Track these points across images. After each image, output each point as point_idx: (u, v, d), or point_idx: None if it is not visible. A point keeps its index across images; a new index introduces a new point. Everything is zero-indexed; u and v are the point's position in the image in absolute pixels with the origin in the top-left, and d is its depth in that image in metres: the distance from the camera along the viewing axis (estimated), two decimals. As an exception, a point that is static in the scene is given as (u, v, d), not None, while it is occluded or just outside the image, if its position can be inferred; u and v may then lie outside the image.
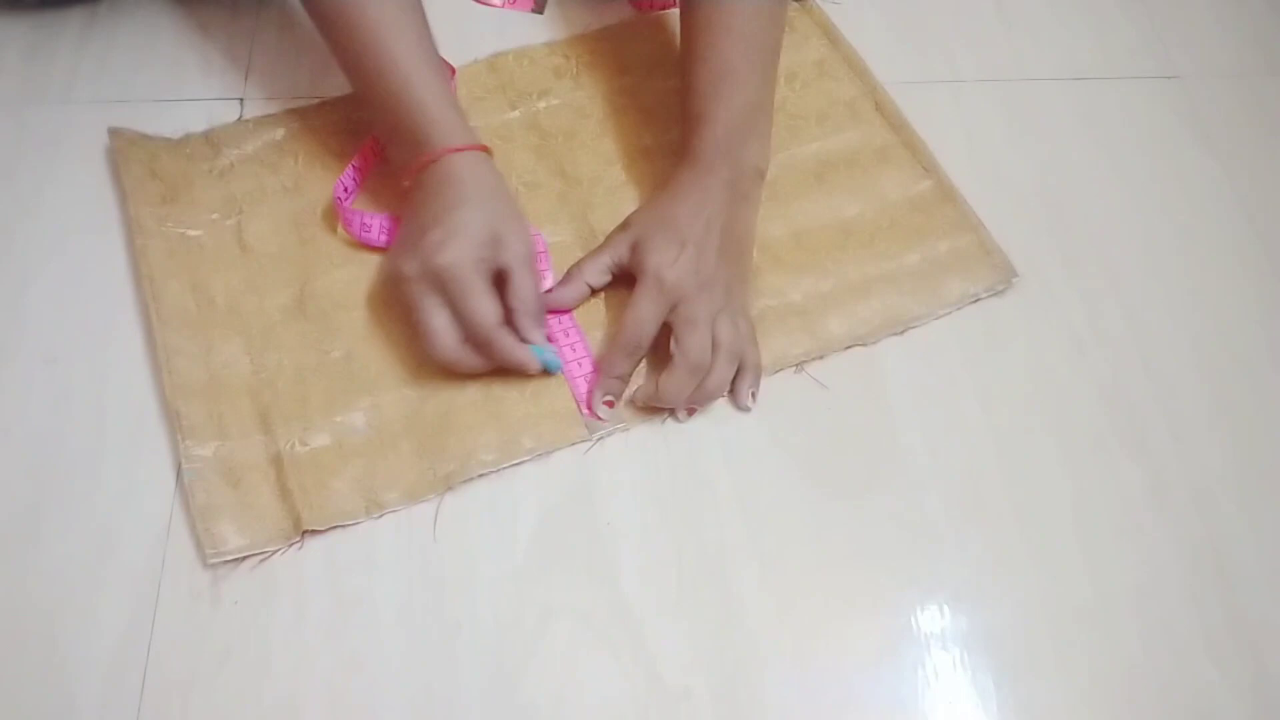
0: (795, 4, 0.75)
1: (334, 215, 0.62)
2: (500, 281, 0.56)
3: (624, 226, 0.60)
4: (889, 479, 0.57)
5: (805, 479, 0.56)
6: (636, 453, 0.56)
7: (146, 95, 0.69)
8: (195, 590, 0.51)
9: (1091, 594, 0.54)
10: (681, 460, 0.56)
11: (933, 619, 0.53)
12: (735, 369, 0.57)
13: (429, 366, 0.57)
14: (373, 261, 0.62)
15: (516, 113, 0.69)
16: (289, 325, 0.59)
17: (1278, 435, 0.59)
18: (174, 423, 0.55)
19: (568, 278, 0.60)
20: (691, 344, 0.55)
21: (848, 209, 0.65)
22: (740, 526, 0.54)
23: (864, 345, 0.60)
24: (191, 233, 0.62)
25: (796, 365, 0.59)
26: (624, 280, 0.59)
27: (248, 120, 0.67)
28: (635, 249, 0.58)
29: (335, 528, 0.53)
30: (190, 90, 0.69)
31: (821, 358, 0.60)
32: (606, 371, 0.57)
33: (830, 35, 0.74)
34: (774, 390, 0.59)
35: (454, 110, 0.59)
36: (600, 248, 0.60)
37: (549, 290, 0.60)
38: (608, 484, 0.55)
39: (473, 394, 0.57)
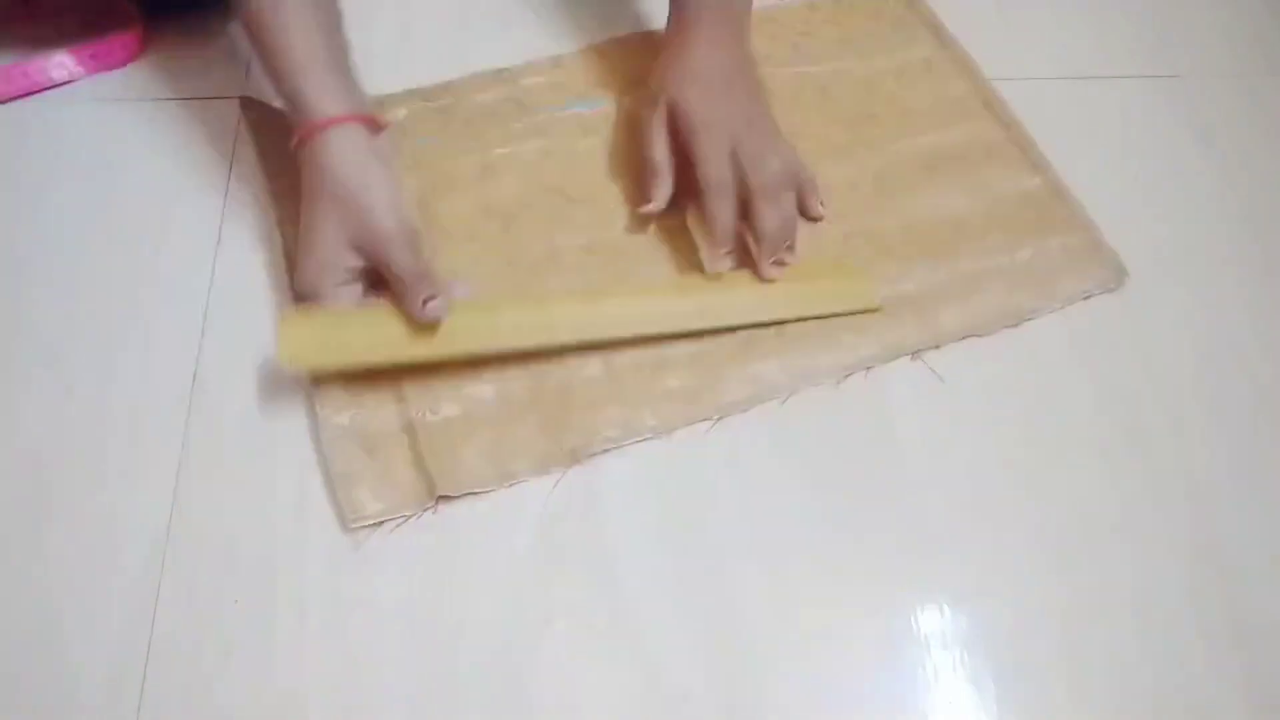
0: (903, 2, 0.77)
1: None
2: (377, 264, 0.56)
3: (649, 99, 0.62)
4: (889, 479, 0.56)
5: (806, 480, 0.56)
6: (638, 455, 0.56)
7: (145, 95, 0.69)
8: (195, 589, 0.51)
9: (1091, 593, 0.54)
10: (683, 461, 0.56)
11: (933, 619, 0.53)
12: (792, 201, 0.61)
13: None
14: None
15: (629, 99, 0.69)
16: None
17: (1276, 434, 0.60)
18: (310, 392, 0.56)
19: (654, 177, 0.61)
20: (758, 175, 0.58)
21: (958, 203, 0.66)
22: (741, 528, 0.54)
23: (979, 336, 0.61)
24: None
25: (913, 354, 0.60)
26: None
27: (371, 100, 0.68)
28: (675, 109, 0.60)
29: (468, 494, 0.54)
30: (189, 88, 0.69)
31: (937, 347, 0.61)
32: (715, 227, 0.59)
33: (938, 34, 0.75)
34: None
35: (334, 77, 0.57)
36: (646, 131, 0.62)
37: (649, 201, 0.61)
38: (610, 486, 0.55)
39: (594, 369, 0.58)
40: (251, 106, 0.67)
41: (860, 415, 0.58)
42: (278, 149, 0.61)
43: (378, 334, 0.55)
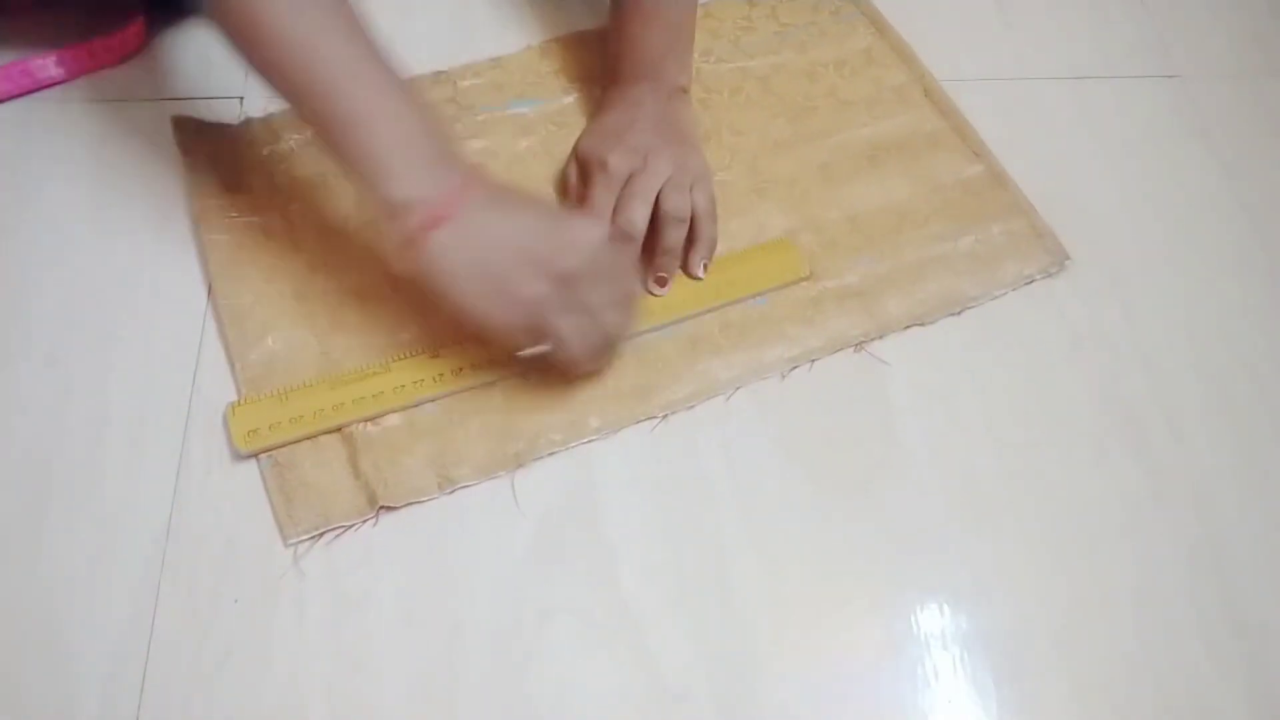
0: None
1: None
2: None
3: (568, 162, 0.63)
4: (889, 478, 0.56)
5: (805, 478, 0.56)
6: (636, 452, 0.56)
7: (145, 94, 0.69)
8: (195, 589, 0.51)
9: (1091, 593, 0.54)
10: (681, 459, 0.56)
11: (933, 619, 0.53)
12: (683, 233, 0.60)
13: (494, 347, 0.57)
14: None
15: (571, 98, 0.70)
16: (354, 308, 0.59)
17: (1276, 434, 0.60)
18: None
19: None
20: (626, 212, 0.58)
21: (900, 191, 0.67)
22: (740, 526, 0.54)
23: (922, 325, 0.61)
24: (253, 220, 0.62)
25: (856, 345, 0.60)
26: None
27: None
28: (578, 158, 0.62)
29: (411, 503, 0.54)
30: (189, 88, 0.69)
31: (881, 338, 0.61)
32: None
33: (877, 24, 0.75)
34: (773, 389, 0.59)
35: (431, 139, 0.51)
36: (562, 185, 0.64)
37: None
38: (608, 483, 0.55)
39: (537, 375, 0.57)
40: (184, 126, 0.66)
41: (861, 415, 0.58)
42: (214, 166, 0.63)
43: (323, 399, 0.55)
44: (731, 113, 0.69)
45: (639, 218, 0.58)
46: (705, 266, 0.61)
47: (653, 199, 0.59)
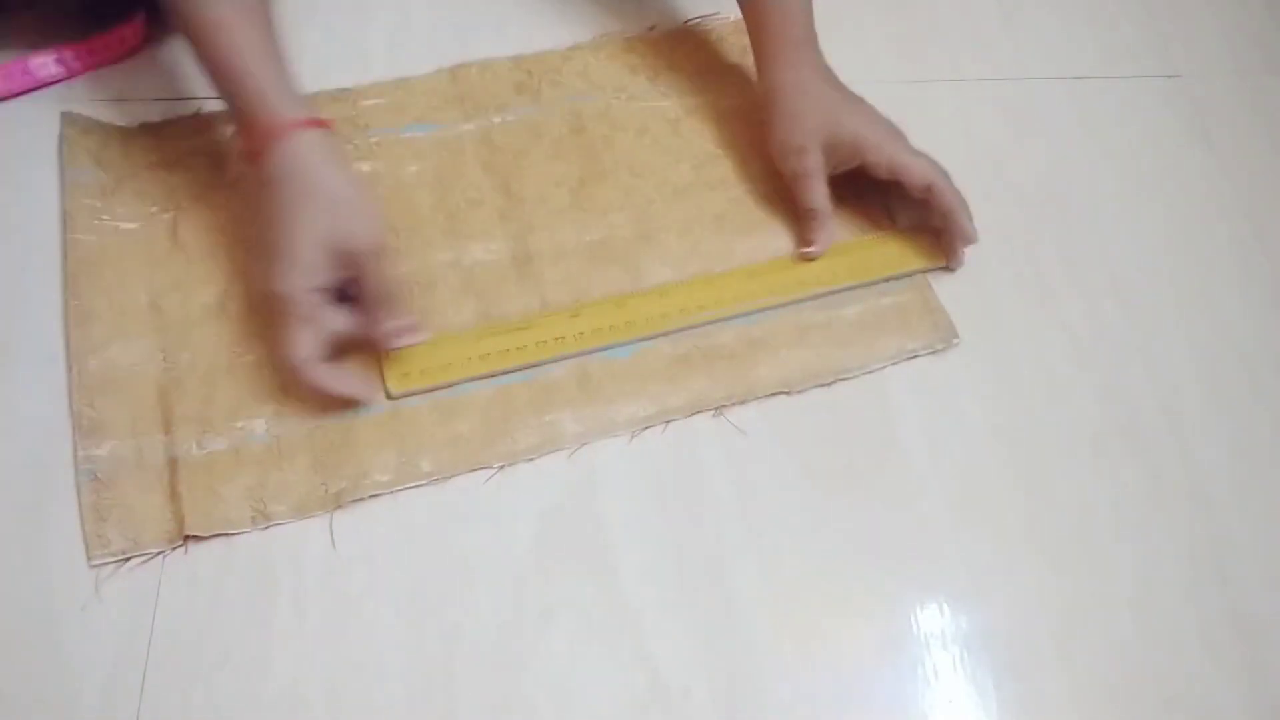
0: None
1: None
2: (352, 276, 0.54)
3: (799, 148, 0.61)
4: (888, 478, 0.56)
5: (804, 478, 0.56)
6: (636, 452, 0.56)
7: (145, 94, 0.69)
8: (195, 589, 0.51)
9: (1090, 591, 0.54)
10: (681, 459, 0.56)
11: (933, 618, 0.53)
12: None
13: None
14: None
15: (471, 125, 0.67)
16: (207, 325, 0.58)
17: (1275, 432, 0.60)
18: (76, 422, 0.54)
19: (817, 223, 0.62)
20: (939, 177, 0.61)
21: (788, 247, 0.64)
22: (740, 526, 0.54)
23: (789, 394, 0.58)
24: (126, 226, 0.61)
25: (715, 410, 0.58)
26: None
27: (204, 114, 0.66)
28: (852, 146, 0.60)
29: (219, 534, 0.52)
30: (189, 87, 0.69)
31: (743, 403, 0.58)
32: (954, 220, 0.61)
33: None
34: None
35: (289, 85, 0.56)
36: (803, 175, 0.62)
37: (811, 244, 0.62)
38: (607, 483, 0.55)
39: (380, 410, 0.56)
40: (74, 121, 0.64)
41: (861, 415, 0.58)
42: (97, 166, 0.62)
43: (471, 349, 0.57)
44: (635, 155, 0.66)
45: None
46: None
47: None
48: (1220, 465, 0.58)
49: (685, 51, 0.72)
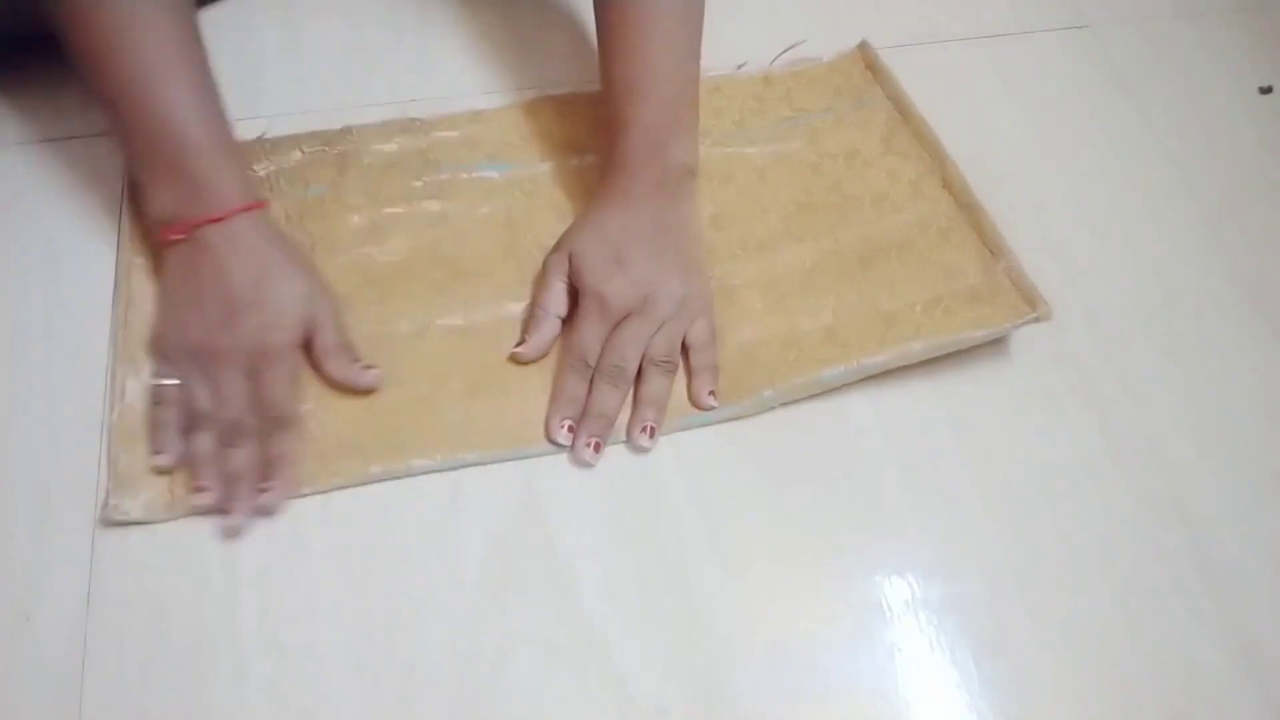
0: (866, 71, 0.71)
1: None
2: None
3: (558, 246, 0.58)
4: (844, 462, 0.55)
5: (759, 472, 0.55)
6: (583, 467, 0.54)
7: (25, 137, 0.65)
8: (122, 655, 0.47)
9: (1059, 556, 0.53)
10: (632, 468, 0.54)
11: (903, 599, 0.51)
12: (668, 382, 0.55)
13: (398, 416, 0.55)
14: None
15: (546, 166, 0.64)
16: None
17: (1225, 377, 0.60)
18: (110, 468, 0.52)
19: (535, 321, 0.57)
20: (615, 357, 0.54)
21: (885, 301, 0.59)
22: (698, 529, 0.53)
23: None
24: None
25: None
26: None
27: (268, 138, 0.64)
28: (573, 265, 0.56)
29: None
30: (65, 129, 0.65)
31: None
32: (560, 396, 0.55)
33: (903, 108, 0.68)
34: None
35: (238, 159, 0.55)
36: (545, 275, 0.58)
37: (523, 344, 0.56)
38: (556, 501, 0.53)
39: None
40: None
41: (811, 405, 0.57)
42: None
43: None
44: (717, 205, 0.63)
45: (630, 365, 0.54)
46: (713, 394, 0.55)
47: (645, 345, 0.55)
48: (1174, 414, 0.58)
49: (773, 96, 0.69)
